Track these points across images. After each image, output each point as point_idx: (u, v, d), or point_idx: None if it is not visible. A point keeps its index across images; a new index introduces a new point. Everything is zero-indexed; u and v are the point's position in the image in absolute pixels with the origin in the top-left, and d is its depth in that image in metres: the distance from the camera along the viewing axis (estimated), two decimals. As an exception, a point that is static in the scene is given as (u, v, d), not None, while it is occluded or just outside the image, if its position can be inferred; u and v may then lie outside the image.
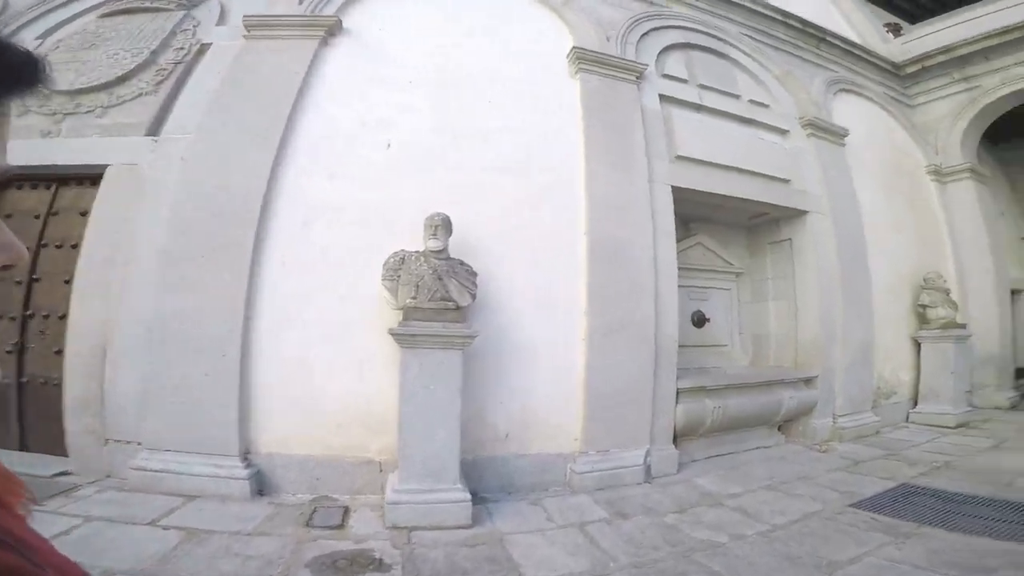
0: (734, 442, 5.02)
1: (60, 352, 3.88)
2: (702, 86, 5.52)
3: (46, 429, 3.85)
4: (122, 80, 4.28)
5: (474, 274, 3.72)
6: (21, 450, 3.94)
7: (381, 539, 2.94)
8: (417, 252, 3.66)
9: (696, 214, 5.76)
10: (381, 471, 3.66)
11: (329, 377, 3.75)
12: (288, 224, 3.95)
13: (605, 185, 4.44)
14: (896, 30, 8.47)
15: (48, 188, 4.26)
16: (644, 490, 3.88)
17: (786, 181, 5.72)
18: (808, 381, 5.46)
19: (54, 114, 4.22)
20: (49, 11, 4.84)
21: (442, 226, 3.65)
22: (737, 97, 5.76)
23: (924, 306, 6.63)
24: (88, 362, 3.80)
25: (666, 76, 5.34)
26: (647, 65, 5.09)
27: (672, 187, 4.82)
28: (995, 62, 7.35)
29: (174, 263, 3.80)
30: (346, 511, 3.30)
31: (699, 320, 5.81)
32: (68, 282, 3.97)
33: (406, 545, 2.88)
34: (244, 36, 4.43)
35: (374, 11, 4.70)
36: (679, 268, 5.37)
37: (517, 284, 4.10)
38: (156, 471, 3.47)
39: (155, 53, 4.38)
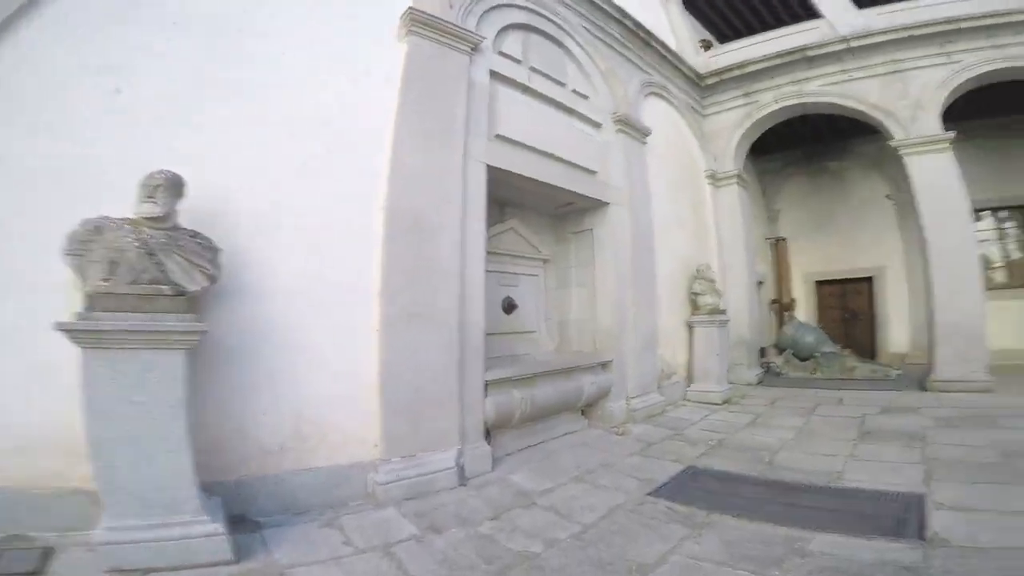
0: (544, 430, 4.94)
1: None
2: (533, 69, 5.22)
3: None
4: None
5: (214, 249, 2.80)
6: None
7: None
8: (123, 220, 2.60)
9: (510, 198, 5.51)
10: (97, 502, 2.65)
11: (7, 389, 2.61)
12: None
13: (413, 155, 3.81)
14: (708, 46, 9.25)
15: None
16: (459, 495, 3.50)
17: (594, 172, 5.78)
18: (605, 365, 5.65)
19: None
20: None
21: (165, 186, 2.63)
22: (563, 85, 5.60)
23: (696, 294, 7.41)
24: None
25: (501, 54, 4.89)
26: (484, 38, 4.56)
27: (488, 166, 4.40)
28: (776, 79, 8.39)
29: None
30: (48, 553, 2.43)
31: (509, 306, 5.60)
32: None
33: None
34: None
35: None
36: (491, 253, 5.06)
37: (292, 265, 3.28)
38: None
39: None
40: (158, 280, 2.53)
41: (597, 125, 6.00)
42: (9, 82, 2.87)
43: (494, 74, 4.72)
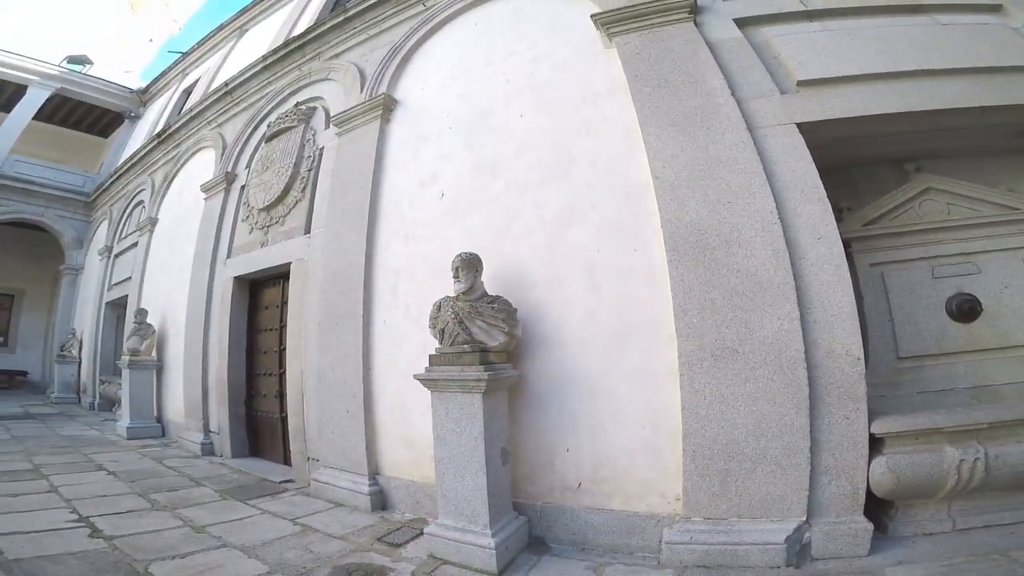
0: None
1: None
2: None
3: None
4: (286, 192, 5.26)
5: (509, 311, 3.18)
6: (284, 463, 5.17)
7: (412, 562, 2.90)
8: (451, 298, 3.28)
9: (907, 151, 3.53)
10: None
11: (421, 415, 3.70)
12: (383, 289, 4.23)
13: (672, 156, 3.14)
14: None
15: (278, 284, 5.51)
16: (782, 580, 2.52)
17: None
18: None
19: (263, 228, 5.48)
20: (245, 144, 6.45)
21: (463, 267, 3.21)
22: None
23: None
24: (295, 402, 4.80)
25: (742, -3, 3.59)
26: (696, -8, 3.50)
27: (801, 126, 3.09)
28: None
29: (324, 330, 4.47)
30: (419, 535, 3.23)
31: (963, 309, 3.44)
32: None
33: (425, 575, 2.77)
34: (336, 134, 4.93)
35: (415, 75, 4.76)
36: (898, 234, 3.46)
37: (577, 313, 3.25)
38: (324, 482, 4.16)
39: (296, 165, 5.23)
40: (466, 341, 3.09)
41: (993, 8, 3.45)
42: (389, 211, 4.32)
43: (745, 21, 3.49)
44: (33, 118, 12.04)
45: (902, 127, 3.25)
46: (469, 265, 3.22)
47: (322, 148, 5.21)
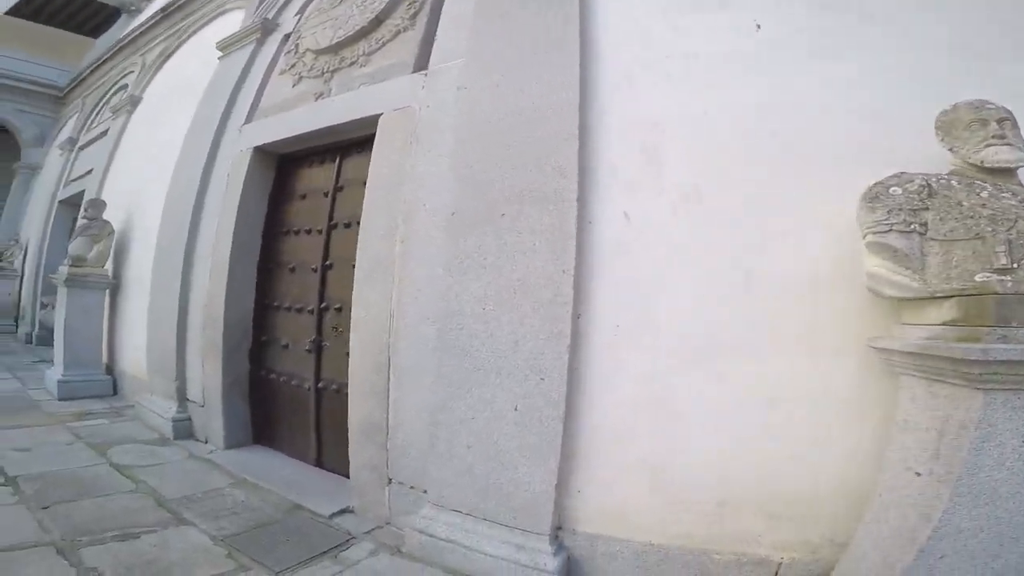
0: None
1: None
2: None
3: (341, 445, 2.51)
4: (378, 23, 2.92)
5: None
6: (317, 465, 2.88)
7: None
8: (959, 178, 1.18)
9: None
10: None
11: (707, 424, 1.66)
12: (624, 155, 1.90)
13: None
14: None
15: (333, 161, 3.09)
16: None
17: None
18: None
19: (322, 74, 3.09)
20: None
21: (1013, 121, 1.27)
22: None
23: None
24: (370, 373, 2.33)
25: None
26: None
27: None
28: None
29: (463, 232, 2.08)
30: None
31: None
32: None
33: None
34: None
35: None
36: None
37: None
38: (440, 539, 1.93)
39: (402, -15, 2.87)
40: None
41: None
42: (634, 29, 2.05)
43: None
44: (12, 12, 8.77)
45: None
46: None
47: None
